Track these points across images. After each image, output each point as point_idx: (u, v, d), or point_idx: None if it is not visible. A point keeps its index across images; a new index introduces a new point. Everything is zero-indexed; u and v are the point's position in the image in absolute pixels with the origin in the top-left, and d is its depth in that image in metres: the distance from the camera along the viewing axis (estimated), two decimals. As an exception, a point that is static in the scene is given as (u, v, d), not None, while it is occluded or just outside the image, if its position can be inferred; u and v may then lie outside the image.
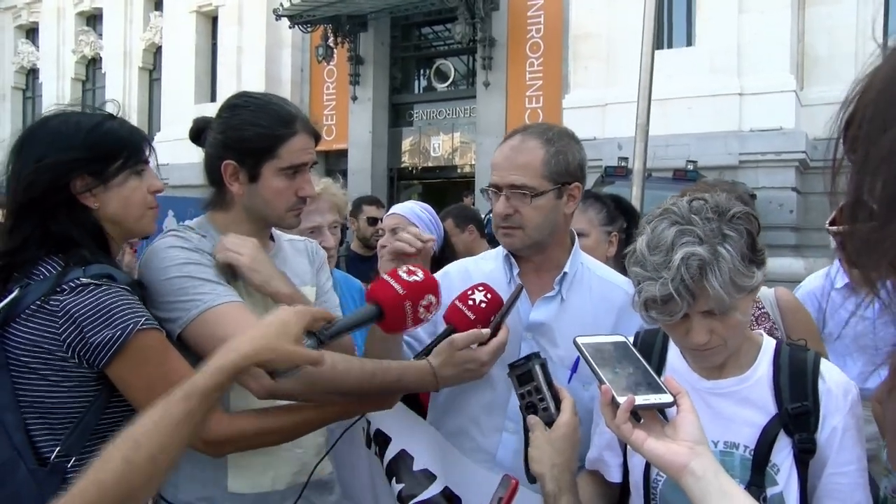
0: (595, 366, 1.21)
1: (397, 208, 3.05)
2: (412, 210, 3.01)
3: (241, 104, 1.70)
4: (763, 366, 1.44)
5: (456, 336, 1.60)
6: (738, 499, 1.06)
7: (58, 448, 1.40)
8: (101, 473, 1.02)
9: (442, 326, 1.69)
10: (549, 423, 1.37)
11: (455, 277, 1.90)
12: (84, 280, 1.41)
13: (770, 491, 1.37)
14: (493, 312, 1.65)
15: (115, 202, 1.55)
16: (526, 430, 1.41)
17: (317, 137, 1.74)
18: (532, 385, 1.42)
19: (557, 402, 1.40)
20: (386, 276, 1.48)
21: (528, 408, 1.41)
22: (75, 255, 1.46)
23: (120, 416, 1.48)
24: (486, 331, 1.60)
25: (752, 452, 1.39)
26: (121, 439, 1.06)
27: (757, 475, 1.37)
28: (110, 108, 1.65)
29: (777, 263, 10.05)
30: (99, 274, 1.44)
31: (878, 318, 0.65)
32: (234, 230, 1.71)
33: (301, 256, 1.92)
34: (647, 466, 1.48)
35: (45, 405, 1.41)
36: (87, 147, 1.51)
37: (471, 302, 1.65)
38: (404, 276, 1.47)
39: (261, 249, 1.66)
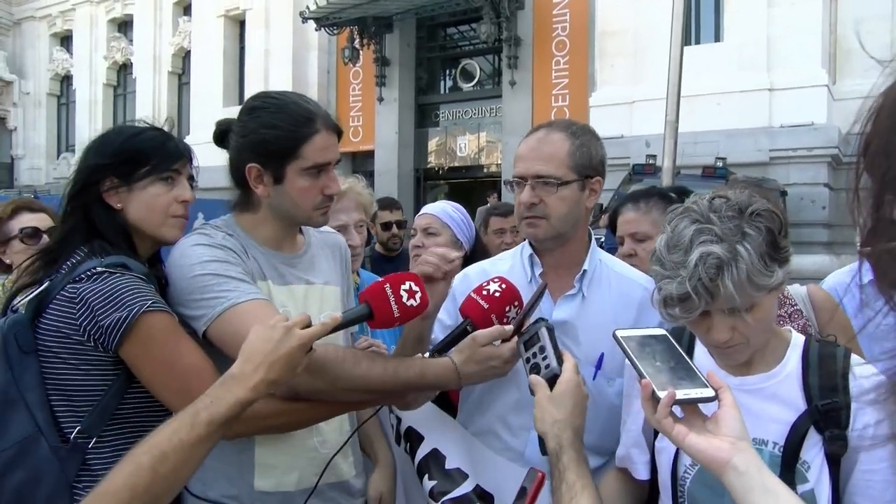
0: (635, 359, 1.19)
1: (429, 208, 3.00)
2: (444, 210, 2.97)
3: (260, 105, 1.70)
4: (792, 362, 1.43)
5: (479, 332, 1.59)
6: (781, 495, 1.05)
7: (77, 428, 1.48)
8: (133, 478, 1.12)
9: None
10: (554, 382, 1.34)
11: (474, 279, 1.90)
12: (100, 268, 1.50)
13: (801, 488, 1.35)
14: (507, 302, 1.64)
15: (137, 205, 1.64)
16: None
17: (339, 133, 1.74)
18: (537, 346, 1.41)
19: (562, 362, 1.37)
20: (386, 287, 1.47)
21: (533, 369, 1.40)
22: (97, 247, 1.57)
23: (140, 402, 1.56)
24: (510, 327, 1.60)
25: (782, 449, 1.37)
26: (150, 447, 1.15)
27: (787, 472, 1.35)
28: (167, 126, 1.77)
29: (809, 260, 9.88)
30: (114, 263, 1.52)
31: None
32: (262, 230, 1.74)
33: (331, 255, 1.93)
34: (675, 464, 1.47)
35: (68, 387, 1.50)
36: (119, 151, 1.64)
37: (485, 292, 1.65)
38: (404, 296, 1.47)
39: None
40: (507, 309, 1.65)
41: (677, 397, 1.12)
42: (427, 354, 1.64)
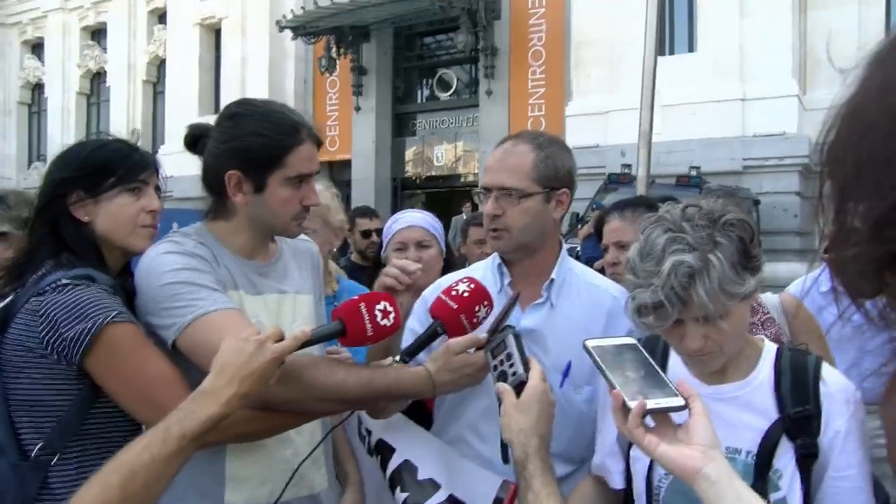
0: (605, 369, 1.18)
1: (414, 219, 2.89)
2: (429, 222, 2.92)
3: (244, 112, 1.68)
4: (764, 370, 1.44)
5: (453, 341, 1.58)
6: (752, 503, 1.05)
7: (39, 444, 1.45)
8: (102, 498, 1.11)
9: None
10: (520, 389, 1.33)
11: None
12: (64, 280, 1.48)
13: (773, 496, 1.36)
14: (476, 302, 1.63)
15: (105, 217, 1.63)
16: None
17: (319, 144, 1.73)
18: (504, 353, 1.40)
19: (528, 369, 1.36)
20: (361, 306, 1.47)
21: (500, 377, 1.39)
22: (63, 259, 1.55)
23: (106, 419, 1.53)
24: (484, 335, 1.59)
25: (755, 458, 1.38)
26: (119, 465, 1.14)
27: (759, 481, 1.36)
28: (133, 138, 1.79)
29: (782, 268, 10.01)
30: (79, 275, 1.51)
31: (865, 327, 0.66)
32: (235, 238, 1.71)
33: (303, 263, 1.91)
34: (650, 473, 1.48)
35: (31, 401, 1.48)
36: (83, 164, 1.63)
37: (454, 293, 1.63)
38: (378, 315, 1.47)
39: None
40: (477, 309, 1.63)
41: (648, 407, 1.11)
42: (398, 358, 1.61)
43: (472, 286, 1.65)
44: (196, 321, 1.48)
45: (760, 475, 1.36)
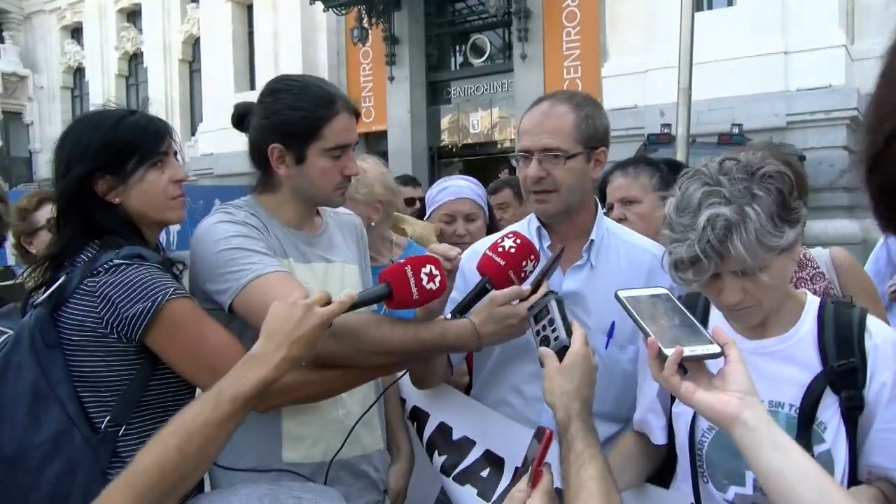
0: (639, 318, 1.18)
1: (463, 190, 2.87)
2: (475, 191, 2.89)
3: (282, 88, 1.75)
4: (807, 324, 1.43)
5: (496, 293, 1.60)
6: (790, 450, 1.05)
7: (108, 418, 1.52)
8: (161, 458, 1.14)
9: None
10: (563, 353, 1.34)
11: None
12: (116, 261, 1.52)
13: (817, 449, 1.36)
14: (523, 257, 1.63)
15: (137, 197, 1.64)
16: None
17: (357, 115, 1.78)
18: (546, 319, 1.41)
19: (570, 334, 1.36)
20: (407, 269, 1.47)
21: (543, 342, 1.40)
22: (109, 240, 1.58)
23: (165, 389, 1.59)
24: (527, 287, 1.61)
25: (798, 411, 1.38)
26: (176, 427, 1.18)
27: (803, 433, 1.36)
28: (149, 106, 1.74)
29: (830, 226, 9.77)
30: (130, 254, 1.54)
31: None
32: (283, 210, 1.79)
33: (347, 234, 1.97)
34: (692, 428, 1.49)
35: (94, 378, 1.53)
36: (103, 150, 1.60)
37: (500, 249, 1.64)
38: (424, 279, 1.47)
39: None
40: (524, 263, 1.64)
41: (685, 354, 1.11)
42: (448, 315, 1.65)
43: (519, 241, 1.66)
44: (250, 283, 1.56)
45: (804, 428, 1.37)
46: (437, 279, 1.49)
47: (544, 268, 1.64)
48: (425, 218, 2.96)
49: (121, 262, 1.52)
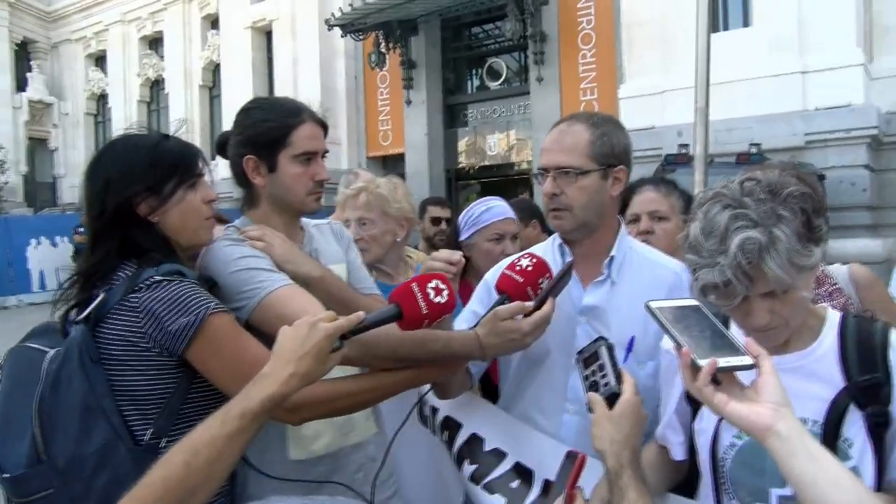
0: (671, 329, 1.18)
1: (508, 211, 2.94)
2: (513, 212, 2.98)
3: (253, 106, 1.91)
4: (829, 339, 1.41)
5: (500, 308, 1.66)
6: (825, 460, 1.04)
7: (150, 430, 1.55)
8: (166, 471, 1.18)
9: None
10: (612, 400, 1.35)
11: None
12: (157, 277, 1.56)
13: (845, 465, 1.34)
14: (539, 275, 1.72)
15: (174, 217, 1.69)
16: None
17: (324, 127, 1.92)
18: (596, 364, 1.42)
19: (621, 381, 1.38)
20: (413, 287, 1.51)
21: (592, 387, 1.40)
22: (148, 258, 1.62)
23: (202, 401, 1.62)
24: (530, 304, 1.66)
25: (822, 427, 1.36)
26: (184, 443, 1.21)
27: (829, 450, 1.34)
28: (174, 127, 1.81)
29: (852, 245, 9.66)
30: (170, 271, 1.58)
31: None
32: (268, 224, 1.87)
33: (329, 238, 2.08)
34: (714, 445, 1.47)
35: (136, 392, 1.56)
36: (149, 171, 1.65)
37: (518, 268, 1.73)
38: (431, 293, 1.50)
39: (286, 239, 1.83)
40: (540, 281, 1.72)
41: (719, 365, 1.11)
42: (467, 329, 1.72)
43: (534, 261, 1.75)
44: (264, 300, 1.65)
45: (829, 444, 1.34)
46: (445, 292, 1.52)
47: (551, 284, 1.68)
48: (464, 237, 2.97)
49: (162, 278, 1.55)
